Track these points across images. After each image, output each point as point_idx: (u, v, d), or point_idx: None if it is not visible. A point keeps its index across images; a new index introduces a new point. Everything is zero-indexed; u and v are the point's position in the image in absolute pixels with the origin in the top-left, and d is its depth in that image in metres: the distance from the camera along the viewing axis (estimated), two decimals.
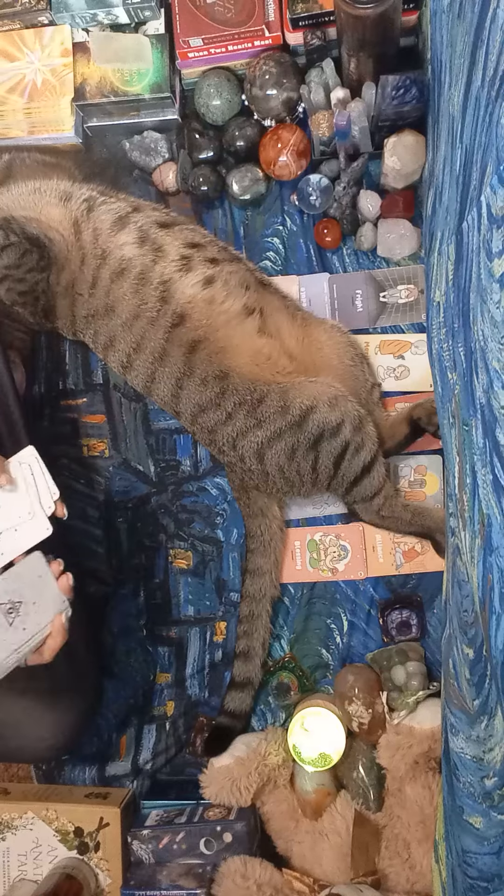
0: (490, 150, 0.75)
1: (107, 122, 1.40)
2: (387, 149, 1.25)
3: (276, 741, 1.27)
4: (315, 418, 1.17)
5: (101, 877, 1.28)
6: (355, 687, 1.25)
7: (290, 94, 1.31)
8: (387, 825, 1.24)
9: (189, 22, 1.30)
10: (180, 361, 1.20)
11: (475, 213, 0.81)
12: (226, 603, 1.38)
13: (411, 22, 1.25)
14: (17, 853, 1.30)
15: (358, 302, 1.35)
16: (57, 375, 1.43)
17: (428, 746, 1.20)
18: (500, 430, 0.75)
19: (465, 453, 0.92)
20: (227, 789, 1.25)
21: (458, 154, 0.94)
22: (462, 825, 0.99)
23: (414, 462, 1.33)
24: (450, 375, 1.03)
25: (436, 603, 1.31)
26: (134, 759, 1.38)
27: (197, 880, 1.21)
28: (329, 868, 1.23)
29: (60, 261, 1.23)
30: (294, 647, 1.35)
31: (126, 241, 1.21)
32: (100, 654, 1.37)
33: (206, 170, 1.37)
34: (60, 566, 1.03)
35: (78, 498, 1.41)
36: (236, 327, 1.21)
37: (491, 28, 0.75)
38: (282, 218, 1.39)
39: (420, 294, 1.34)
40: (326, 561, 1.34)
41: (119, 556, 1.41)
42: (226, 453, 1.24)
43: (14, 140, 1.37)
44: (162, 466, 1.41)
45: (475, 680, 0.93)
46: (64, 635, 1.03)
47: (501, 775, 0.89)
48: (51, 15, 1.34)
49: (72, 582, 1.03)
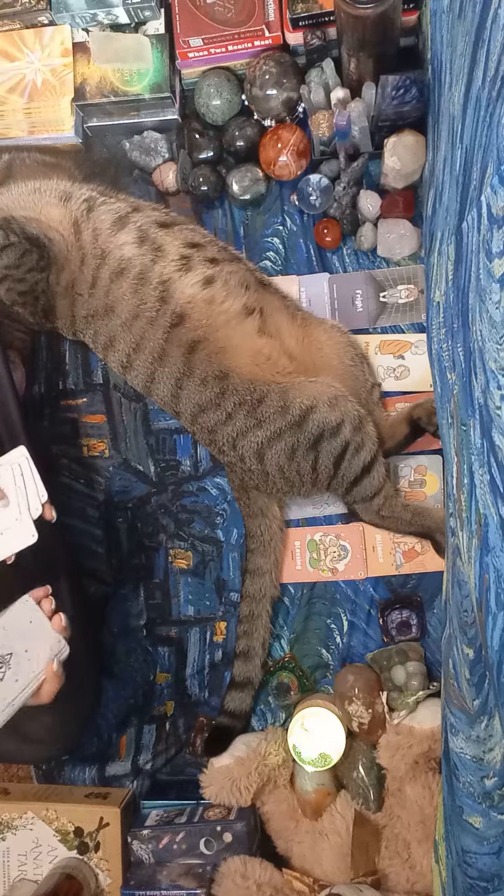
0: (490, 150, 0.75)
1: (107, 122, 1.40)
2: (387, 149, 1.24)
3: (276, 741, 1.27)
4: (315, 418, 1.17)
5: (101, 877, 1.28)
6: (355, 687, 1.25)
7: (290, 94, 1.31)
8: (387, 825, 1.24)
9: (189, 22, 1.30)
10: (180, 361, 1.20)
11: (475, 213, 0.81)
12: (226, 603, 1.38)
13: (411, 22, 1.25)
14: (17, 853, 1.30)
15: (358, 302, 1.35)
16: (57, 375, 1.43)
17: (428, 746, 1.20)
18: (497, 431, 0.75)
19: (464, 453, 0.92)
20: (227, 789, 1.25)
21: (458, 154, 0.94)
22: (462, 825, 0.99)
23: (414, 462, 1.33)
24: (449, 376, 1.03)
25: (436, 603, 1.31)
26: (134, 759, 1.38)
27: (197, 880, 1.21)
28: (329, 868, 1.23)
29: (60, 261, 1.23)
30: (294, 647, 1.35)
31: (126, 240, 1.21)
32: (100, 654, 1.37)
33: (206, 170, 1.37)
34: (51, 603, 1.01)
35: (78, 498, 1.41)
36: (236, 327, 1.21)
37: (492, 28, 0.75)
38: (282, 218, 1.39)
39: (420, 294, 1.34)
40: (326, 561, 1.34)
41: (119, 556, 1.41)
42: (226, 453, 1.24)
43: (14, 140, 1.37)
44: (162, 466, 1.41)
45: (475, 680, 0.93)
46: (60, 679, 1.01)
47: (501, 775, 0.89)
48: (51, 15, 1.34)
49: (65, 622, 1.01)
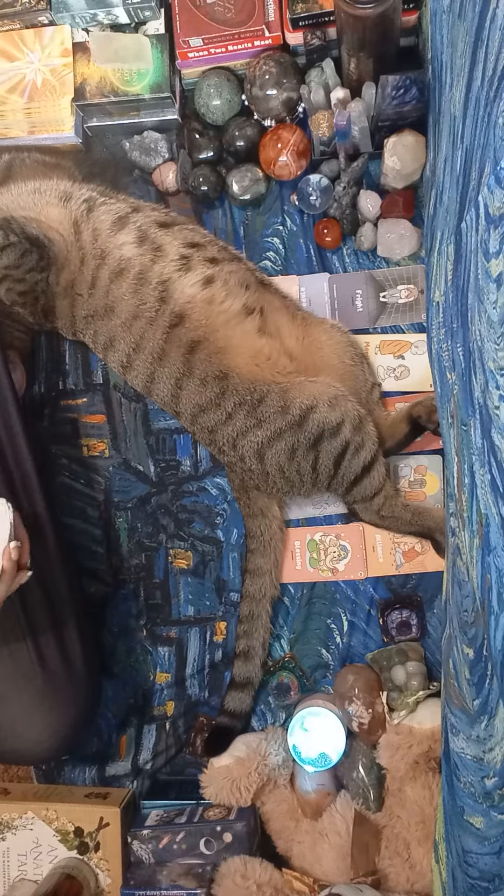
0: (488, 149, 0.75)
1: (107, 122, 1.40)
2: (387, 149, 1.24)
3: (276, 741, 1.27)
4: (315, 418, 1.17)
5: (101, 877, 1.28)
6: (355, 687, 1.25)
7: (290, 94, 1.31)
8: (387, 825, 1.24)
9: (189, 22, 1.30)
10: (180, 361, 1.20)
11: (473, 213, 0.81)
12: (226, 603, 1.38)
13: (411, 22, 1.25)
14: (17, 853, 1.30)
15: (358, 302, 1.35)
16: (57, 375, 1.43)
17: (428, 746, 1.21)
18: (496, 431, 0.75)
19: (464, 453, 0.92)
20: (227, 789, 1.25)
21: (458, 154, 0.94)
22: (463, 825, 0.99)
23: (414, 462, 1.33)
24: (449, 376, 1.03)
25: (436, 603, 1.31)
26: (134, 759, 1.38)
27: (197, 880, 1.21)
28: (329, 868, 1.23)
29: (60, 261, 1.23)
30: (294, 647, 1.35)
31: (125, 240, 1.21)
32: (99, 654, 1.37)
33: (206, 170, 1.37)
34: None
35: (78, 498, 1.41)
36: (236, 327, 1.21)
37: (491, 28, 0.75)
38: (282, 218, 1.39)
39: (420, 294, 1.34)
40: (326, 561, 1.34)
41: (119, 556, 1.41)
42: (226, 453, 1.24)
43: (14, 140, 1.37)
44: (162, 466, 1.41)
45: (475, 680, 0.93)
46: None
47: (502, 775, 0.89)
48: (51, 15, 1.34)
49: None
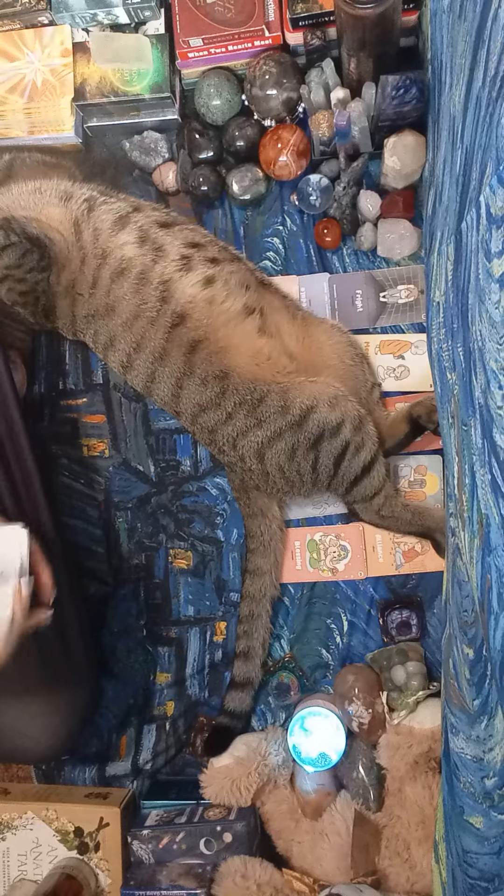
0: (490, 150, 0.75)
1: (107, 122, 1.40)
2: (387, 149, 1.24)
3: (276, 741, 1.27)
4: (315, 418, 1.17)
5: (101, 877, 1.28)
6: (355, 687, 1.25)
7: (290, 94, 1.31)
8: (387, 825, 1.24)
9: (189, 22, 1.30)
10: (180, 361, 1.20)
11: (474, 213, 0.81)
12: (226, 603, 1.38)
13: (411, 22, 1.25)
14: (17, 853, 1.30)
15: (358, 302, 1.35)
16: (57, 375, 1.43)
17: (428, 746, 1.21)
18: (498, 431, 0.75)
19: (464, 453, 0.92)
20: (227, 789, 1.25)
21: (458, 154, 0.94)
22: (462, 825, 0.99)
23: (414, 462, 1.33)
24: (449, 376, 1.03)
25: (436, 603, 1.31)
26: (134, 759, 1.38)
27: (197, 880, 1.21)
28: (329, 868, 1.23)
29: (61, 261, 1.23)
30: (294, 647, 1.35)
31: (126, 240, 1.21)
32: (99, 653, 1.37)
33: (206, 170, 1.37)
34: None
35: (78, 498, 1.41)
36: (236, 327, 1.21)
37: (492, 28, 0.75)
38: (282, 218, 1.39)
39: (420, 294, 1.34)
40: (326, 561, 1.34)
41: (119, 556, 1.41)
42: (226, 453, 1.24)
43: (14, 140, 1.37)
44: (162, 466, 1.41)
45: (475, 680, 0.93)
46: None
47: (501, 775, 0.89)
48: (51, 15, 1.34)
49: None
